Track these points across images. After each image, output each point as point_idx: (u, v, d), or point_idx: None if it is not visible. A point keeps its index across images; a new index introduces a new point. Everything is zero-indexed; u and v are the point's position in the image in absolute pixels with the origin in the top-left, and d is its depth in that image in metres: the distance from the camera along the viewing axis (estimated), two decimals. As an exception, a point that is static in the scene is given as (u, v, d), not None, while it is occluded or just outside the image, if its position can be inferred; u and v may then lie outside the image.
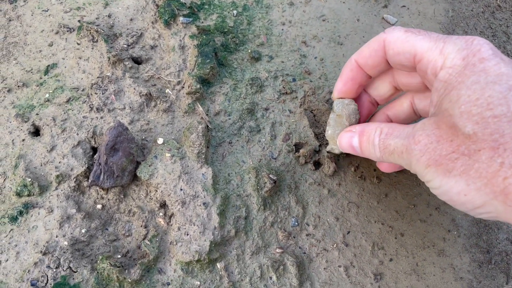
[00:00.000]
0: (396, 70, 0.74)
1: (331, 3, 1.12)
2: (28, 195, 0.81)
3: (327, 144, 0.93)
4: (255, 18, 1.07)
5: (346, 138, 0.73)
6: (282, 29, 1.06)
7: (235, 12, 1.06)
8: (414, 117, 0.79)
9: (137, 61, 0.97)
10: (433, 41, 0.59)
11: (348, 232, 0.88)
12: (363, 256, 0.87)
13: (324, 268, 0.85)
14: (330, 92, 0.99)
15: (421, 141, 0.56)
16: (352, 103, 0.76)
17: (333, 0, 1.12)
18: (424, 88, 0.72)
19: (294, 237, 0.86)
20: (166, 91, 0.93)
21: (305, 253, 0.85)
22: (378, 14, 1.12)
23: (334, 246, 0.87)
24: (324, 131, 0.94)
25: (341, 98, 0.77)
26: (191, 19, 1.00)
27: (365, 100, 0.81)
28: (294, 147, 0.92)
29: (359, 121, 0.78)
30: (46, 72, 0.95)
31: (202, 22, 1.02)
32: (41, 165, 0.84)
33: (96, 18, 1.01)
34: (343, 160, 0.94)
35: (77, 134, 0.86)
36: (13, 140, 0.87)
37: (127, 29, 1.00)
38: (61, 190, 0.82)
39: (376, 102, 0.83)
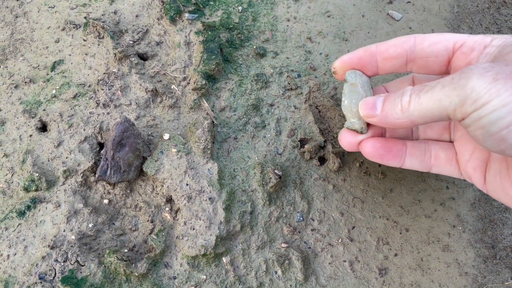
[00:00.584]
0: (417, 79, 0.76)
1: (336, -1, 1.12)
2: (36, 190, 0.82)
3: (332, 139, 0.93)
4: (260, 14, 1.07)
5: (371, 99, 0.66)
6: (287, 25, 1.07)
7: (240, 8, 1.06)
8: None
9: (143, 57, 0.98)
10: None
11: (353, 227, 0.89)
12: (368, 251, 0.87)
13: (329, 263, 0.85)
14: (335, 88, 0.99)
15: (479, 65, 0.51)
16: (365, 75, 0.72)
17: (338, -4, 1.12)
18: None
19: (299, 232, 0.87)
20: (172, 87, 0.94)
21: (310, 248, 0.86)
22: (383, 10, 1.12)
23: (339, 241, 0.87)
24: (329, 127, 0.95)
25: (353, 69, 0.73)
26: (196, 15, 1.00)
27: None
28: (299, 142, 0.92)
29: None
30: (53, 68, 0.96)
31: (208, 18, 1.03)
32: (48, 160, 0.84)
33: (102, 15, 1.02)
34: (348, 155, 0.94)
35: (84, 129, 0.87)
36: (20, 136, 0.87)
37: (133, 25, 1.01)
38: (68, 185, 0.82)
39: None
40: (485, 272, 0.87)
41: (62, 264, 0.75)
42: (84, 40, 0.98)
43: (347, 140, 0.72)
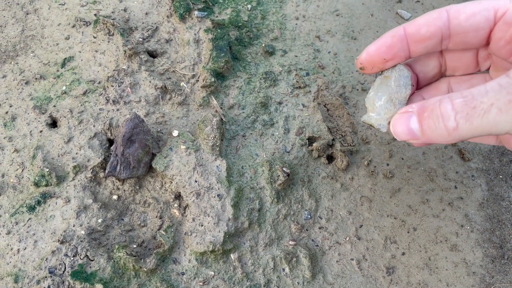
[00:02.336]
0: (446, 51, 0.67)
1: (345, -2, 1.12)
2: (46, 185, 0.82)
3: (341, 137, 0.94)
4: (269, 12, 1.07)
5: (402, 121, 0.57)
6: (296, 24, 1.07)
7: (249, 6, 1.06)
8: None
9: (153, 54, 0.98)
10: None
11: (361, 225, 0.89)
12: (376, 250, 0.87)
13: (337, 261, 0.85)
14: (344, 87, 0.99)
15: None
16: (406, 69, 0.63)
17: (347, -5, 1.12)
18: (473, 67, 0.66)
19: (307, 230, 0.87)
20: (181, 84, 0.94)
21: (317, 245, 0.86)
22: (392, 9, 1.12)
23: (347, 239, 0.87)
24: (338, 126, 0.95)
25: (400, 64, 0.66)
26: (206, 13, 1.01)
27: None
28: (307, 141, 0.92)
29: (412, 92, 0.66)
30: (63, 65, 0.97)
31: (217, 16, 1.03)
32: (59, 156, 0.85)
33: (112, 12, 1.03)
34: (356, 154, 0.94)
35: (94, 126, 0.88)
36: (31, 131, 0.88)
37: (143, 23, 1.01)
38: (78, 181, 0.83)
39: (417, 83, 0.72)
40: (493, 272, 0.87)
41: (72, 258, 0.76)
42: (94, 37, 0.99)
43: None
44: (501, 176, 0.96)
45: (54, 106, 0.91)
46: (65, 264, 0.75)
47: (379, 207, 0.90)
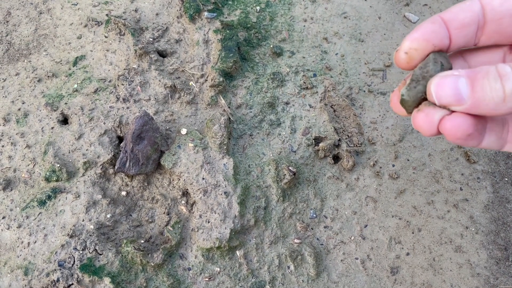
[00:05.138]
0: (471, 54, 0.60)
1: (353, 0, 1.13)
2: (56, 181, 0.84)
3: (347, 137, 0.94)
4: (278, 14, 1.09)
5: (447, 81, 0.51)
6: (304, 26, 1.08)
7: (258, 8, 1.08)
8: None
9: (162, 54, 1.00)
10: None
11: (366, 225, 0.89)
12: (380, 250, 0.88)
13: (341, 260, 0.86)
14: (351, 88, 1.00)
15: None
16: (450, 62, 0.57)
17: (355, -3, 1.13)
18: None
19: (312, 229, 0.88)
20: (190, 84, 0.96)
21: (322, 244, 0.87)
22: (399, 12, 1.12)
23: (351, 238, 0.88)
24: (344, 126, 0.96)
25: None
26: (215, 14, 1.02)
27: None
28: (313, 141, 0.93)
29: None
30: (75, 63, 0.99)
31: (226, 17, 1.05)
32: (69, 152, 0.87)
33: (123, 12, 1.04)
34: (362, 155, 0.95)
35: (104, 123, 0.89)
36: (42, 128, 0.90)
37: (153, 23, 1.03)
38: (88, 177, 0.85)
39: None
40: (498, 274, 0.87)
41: (81, 252, 0.77)
42: (106, 37, 1.01)
43: (424, 120, 0.54)
44: (506, 179, 0.96)
45: (66, 103, 0.92)
46: (74, 257, 0.77)
47: (384, 207, 0.91)
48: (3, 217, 0.82)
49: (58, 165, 0.84)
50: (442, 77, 0.52)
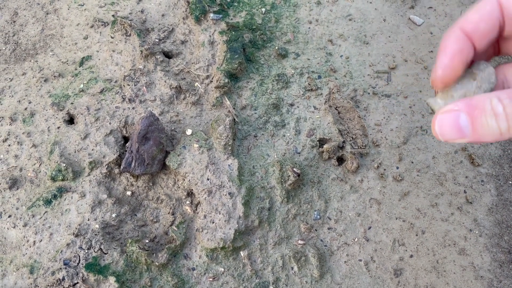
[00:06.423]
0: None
1: (358, 2, 1.13)
2: (62, 180, 0.85)
3: (351, 139, 0.95)
4: (283, 16, 1.09)
5: (449, 118, 0.53)
6: (309, 28, 1.08)
7: (263, 10, 1.08)
8: None
9: (168, 55, 1.01)
10: None
11: (369, 227, 0.90)
12: (384, 252, 0.88)
13: (345, 262, 0.86)
14: (355, 90, 1.00)
15: None
16: (490, 66, 0.58)
17: (360, 0, 1.14)
18: None
19: (316, 230, 0.88)
20: (195, 85, 0.97)
21: (326, 246, 0.87)
22: (404, 15, 1.13)
23: (355, 240, 0.88)
24: (349, 128, 0.96)
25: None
26: (221, 15, 1.03)
27: None
28: (318, 142, 0.94)
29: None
30: (81, 63, 0.99)
31: (232, 18, 1.05)
32: (75, 152, 0.88)
33: (130, 13, 1.05)
34: (366, 157, 0.95)
35: (110, 123, 0.90)
36: (48, 128, 0.91)
37: (159, 24, 1.04)
38: (93, 176, 0.85)
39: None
40: (501, 277, 0.87)
41: (86, 251, 0.78)
42: (112, 37, 1.01)
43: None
44: (510, 182, 0.96)
45: (72, 103, 0.93)
46: (79, 256, 0.77)
47: (388, 209, 0.91)
48: (9, 216, 0.82)
49: (64, 165, 0.85)
50: (444, 115, 0.53)
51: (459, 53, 0.56)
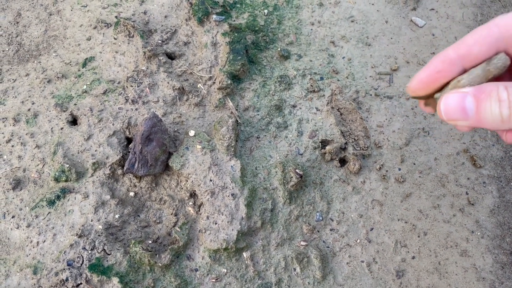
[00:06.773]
0: None
1: (360, 4, 1.13)
2: (66, 181, 0.85)
3: (353, 141, 0.95)
4: (285, 17, 1.09)
5: (456, 98, 0.54)
6: (311, 29, 1.09)
7: (266, 11, 1.08)
8: None
9: (171, 56, 1.01)
10: None
11: (372, 228, 0.90)
12: (386, 253, 0.88)
13: (347, 263, 0.86)
14: (357, 91, 1.01)
15: None
16: (506, 58, 0.56)
17: (362, 1, 1.14)
18: None
19: (318, 231, 0.88)
20: (198, 86, 0.97)
21: (328, 247, 0.87)
22: (406, 17, 1.13)
23: (357, 241, 0.88)
24: (351, 130, 0.96)
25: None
26: (223, 17, 1.03)
27: None
28: (320, 144, 0.94)
29: None
30: (84, 64, 1.00)
31: (234, 20, 1.05)
32: (78, 153, 0.88)
33: (132, 15, 1.05)
34: (368, 158, 0.95)
35: (113, 124, 0.90)
36: (52, 128, 0.91)
37: (162, 25, 1.04)
38: (97, 177, 0.85)
39: None
40: (503, 278, 0.87)
41: (90, 252, 0.78)
42: (115, 39, 1.02)
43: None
44: (512, 184, 0.96)
45: (75, 104, 0.93)
46: (83, 257, 0.78)
47: (390, 211, 0.91)
48: (13, 216, 0.83)
49: (67, 166, 0.85)
50: (451, 95, 0.56)
51: (437, 73, 0.59)
